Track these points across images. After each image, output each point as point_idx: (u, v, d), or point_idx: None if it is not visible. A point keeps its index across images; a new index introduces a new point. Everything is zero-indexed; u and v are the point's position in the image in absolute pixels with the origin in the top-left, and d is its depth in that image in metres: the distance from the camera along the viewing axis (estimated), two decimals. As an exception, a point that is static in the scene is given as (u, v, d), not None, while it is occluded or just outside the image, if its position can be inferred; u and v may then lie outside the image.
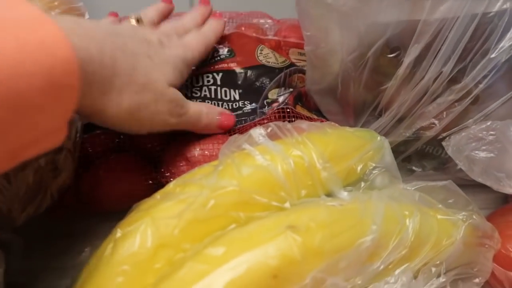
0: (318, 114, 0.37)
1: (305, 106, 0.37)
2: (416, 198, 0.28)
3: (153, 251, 0.23)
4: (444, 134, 0.32)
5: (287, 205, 0.25)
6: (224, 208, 0.24)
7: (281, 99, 0.36)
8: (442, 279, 0.24)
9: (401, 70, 0.30)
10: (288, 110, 0.34)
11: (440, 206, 0.28)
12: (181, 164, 0.32)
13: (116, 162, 0.32)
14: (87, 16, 0.40)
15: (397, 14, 0.28)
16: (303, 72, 0.39)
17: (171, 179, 0.32)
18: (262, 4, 0.50)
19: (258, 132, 0.29)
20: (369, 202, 0.26)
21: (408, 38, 0.29)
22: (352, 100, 0.33)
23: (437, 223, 0.26)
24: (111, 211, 0.34)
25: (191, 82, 0.37)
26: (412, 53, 0.29)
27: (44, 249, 0.33)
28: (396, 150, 0.34)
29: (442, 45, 0.28)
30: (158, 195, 0.25)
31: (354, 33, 0.29)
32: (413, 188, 0.29)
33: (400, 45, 0.30)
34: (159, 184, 0.33)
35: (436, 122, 0.31)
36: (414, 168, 0.35)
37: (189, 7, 1.22)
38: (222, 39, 0.41)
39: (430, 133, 0.32)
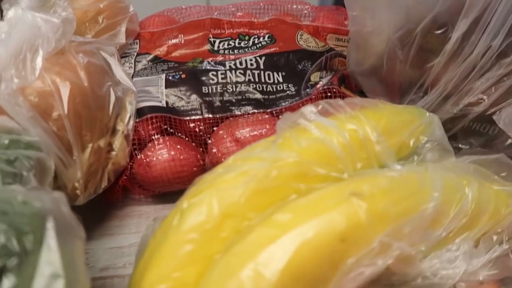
0: (361, 95, 0.37)
1: (348, 88, 0.37)
2: (471, 169, 0.28)
3: (219, 220, 0.23)
4: (492, 110, 0.32)
5: (345, 175, 0.26)
6: (286, 178, 0.25)
7: (324, 81, 0.37)
8: (505, 246, 0.24)
9: (449, 46, 0.30)
10: (334, 90, 0.35)
11: (496, 177, 0.28)
12: (230, 145, 0.32)
13: (167, 144, 0.33)
14: (131, 8, 0.41)
15: (446, -12, 0.28)
16: (343, 56, 0.40)
17: (222, 160, 0.33)
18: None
19: (309, 110, 0.29)
20: (426, 172, 0.26)
21: (457, 13, 0.29)
22: (397, 79, 0.34)
23: (494, 193, 0.27)
24: (164, 193, 0.35)
25: (235, 65, 0.37)
26: (460, 28, 0.30)
27: (100, 230, 0.34)
28: (443, 127, 0.34)
29: (491, 19, 0.29)
30: (220, 168, 0.26)
31: (402, 9, 0.30)
32: (465, 162, 0.29)
33: (448, 21, 0.30)
34: (210, 165, 0.33)
35: (485, 97, 0.31)
36: (460, 146, 0.35)
37: (206, 2, 1.22)
38: (261, 26, 0.42)
39: (478, 109, 0.32)
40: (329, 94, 0.34)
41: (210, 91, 0.35)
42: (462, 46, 0.30)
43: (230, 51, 0.39)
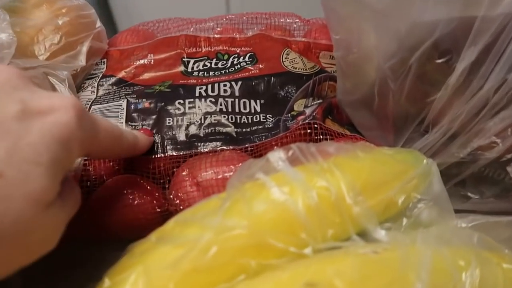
0: (352, 129, 0.32)
1: (336, 120, 0.32)
2: (475, 240, 0.22)
3: (144, 308, 0.19)
4: (508, 156, 0.26)
5: (307, 251, 0.20)
6: (231, 254, 0.20)
7: (308, 111, 0.31)
8: None
9: (453, 78, 0.25)
10: (315, 125, 0.29)
11: (506, 251, 0.22)
12: (191, 190, 0.28)
13: (119, 187, 0.28)
14: (98, 24, 0.37)
15: (447, 10, 0.23)
16: (334, 79, 0.34)
17: (181, 207, 0.28)
18: (291, 5, 0.45)
19: (277, 156, 0.24)
20: (413, 247, 0.20)
21: (462, 39, 0.23)
22: (391, 114, 0.28)
23: (503, 274, 0.21)
24: (117, 240, 0.31)
25: (206, 91, 0.33)
26: (467, 57, 0.24)
27: (46, 282, 0.30)
28: (447, 172, 0.28)
29: (506, 46, 0.23)
30: (153, 236, 0.21)
31: (392, 35, 0.24)
32: (469, 225, 0.24)
33: (452, 48, 0.24)
34: (169, 212, 0.29)
35: (498, 141, 0.25)
36: (469, 194, 0.29)
37: (226, 11, 1.19)
38: (243, 43, 0.37)
39: (490, 155, 0.26)
40: (309, 130, 0.29)
41: (174, 123, 0.31)
42: (470, 79, 0.24)
43: (205, 73, 0.35)
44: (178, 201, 0.28)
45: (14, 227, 0.17)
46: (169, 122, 0.31)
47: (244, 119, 0.31)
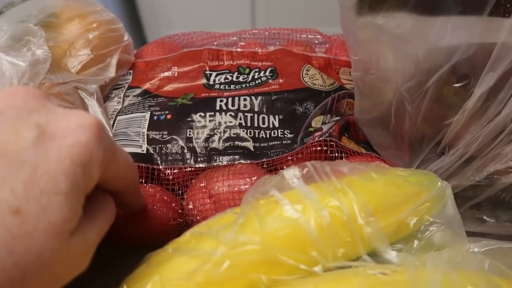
0: (368, 147, 0.32)
1: (352, 138, 0.32)
2: (486, 266, 0.22)
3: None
4: (525, 182, 0.26)
5: (317, 269, 0.21)
6: (243, 269, 0.21)
7: (325, 128, 0.32)
8: None
9: (471, 103, 0.25)
10: (331, 142, 0.30)
11: (517, 279, 0.22)
12: (206, 202, 0.29)
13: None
14: (126, 37, 0.39)
15: (466, 36, 0.23)
16: (353, 97, 0.34)
17: (198, 218, 0.29)
18: (316, 21, 0.46)
19: (292, 173, 0.25)
20: (422, 271, 0.21)
21: (480, 64, 0.24)
22: (408, 135, 0.28)
23: (513, 302, 0.21)
24: (138, 247, 0.32)
25: (226, 104, 0.34)
26: (485, 83, 0.24)
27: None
28: (463, 195, 0.28)
29: (525, 74, 0.23)
30: (170, 247, 0.22)
31: (410, 59, 0.24)
32: (481, 250, 0.24)
33: (470, 73, 0.25)
34: (185, 222, 0.30)
35: (516, 166, 0.25)
36: (485, 218, 0.29)
37: (251, 25, 1.21)
38: (265, 58, 0.38)
39: (507, 180, 0.26)
40: (325, 147, 0.29)
41: (194, 135, 0.32)
42: (488, 104, 0.24)
43: (226, 86, 0.36)
44: (194, 212, 0.29)
45: (39, 261, 0.17)
46: (189, 134, 0.32)
47: (262, 134, 0.32)
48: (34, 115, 0.18)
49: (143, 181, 0.31)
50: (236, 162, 0.31)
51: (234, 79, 0.36)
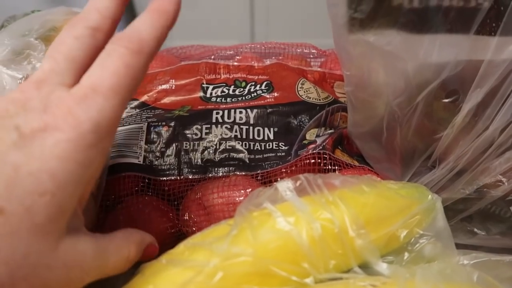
0: (361, 160, 0.33)
1: (346, 150, 0.33)
2: (475, 278, 0.23)
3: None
4: (514, 195, 0.26)
5: (309, 280, 0.21)
6: (235, 280, 0.21)
7: (319, 140, 0.32)
8: None
9: (460, 118, 0.25)
10: (325, 155, 0.30)
11: (506, 291, 0.22)
12: (201, 213, 0.29)
13: (136, 208, 0.30)
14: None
15: (454, 53, 0.24)
16: (346, 110, 0.35)
17: (193, 229, 0.30)
18: (315, 34, 0.47)
19: (285, 186, 0.25)
20: (412, 283, 0.21)
21: (469, 80, 0.24)
22: (399, 148, 0.29)
23: (501, 315, 0.21)
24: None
25: (222, 117, 0.34)
26: (473, 99, 0.25)
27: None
28: (454, 208, 0.29)
29: (511, 91, 0.23)
30: (164, 258, 0.23)
31: (400, 74, 0.25)
32: (471, 263, 0.24)
33: (459, 89, 0.25)
34: (181, 232, 0.30)
35: (504, 180, 0.26)
36: (475, 230, 0.30)
37: (250, 39, 1.22)
38: (261, 71, 0.38)
39: (496, 193, 0.26)
40: (318, 160, 0.30)
41: (191, 147, 0.32)
42: (476, 119, 0.25)
43: (223, 99, 0.36)
44: (189, 223, 0.30)
45: (26, 261, 0.17)
46: (186, 146, 0.33)
47: (257, 146, 0.33)
48: (13, 119, 0.18)
49: (139, 190, 0.31)
50: (231, 174, 0.31)
51: (231, 92, 0.37)
